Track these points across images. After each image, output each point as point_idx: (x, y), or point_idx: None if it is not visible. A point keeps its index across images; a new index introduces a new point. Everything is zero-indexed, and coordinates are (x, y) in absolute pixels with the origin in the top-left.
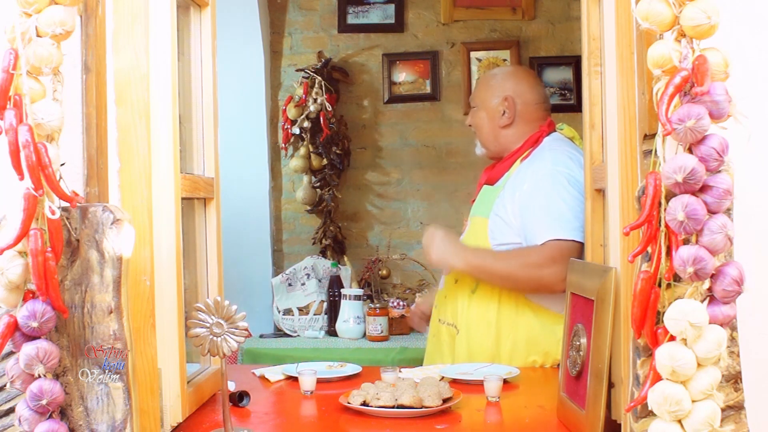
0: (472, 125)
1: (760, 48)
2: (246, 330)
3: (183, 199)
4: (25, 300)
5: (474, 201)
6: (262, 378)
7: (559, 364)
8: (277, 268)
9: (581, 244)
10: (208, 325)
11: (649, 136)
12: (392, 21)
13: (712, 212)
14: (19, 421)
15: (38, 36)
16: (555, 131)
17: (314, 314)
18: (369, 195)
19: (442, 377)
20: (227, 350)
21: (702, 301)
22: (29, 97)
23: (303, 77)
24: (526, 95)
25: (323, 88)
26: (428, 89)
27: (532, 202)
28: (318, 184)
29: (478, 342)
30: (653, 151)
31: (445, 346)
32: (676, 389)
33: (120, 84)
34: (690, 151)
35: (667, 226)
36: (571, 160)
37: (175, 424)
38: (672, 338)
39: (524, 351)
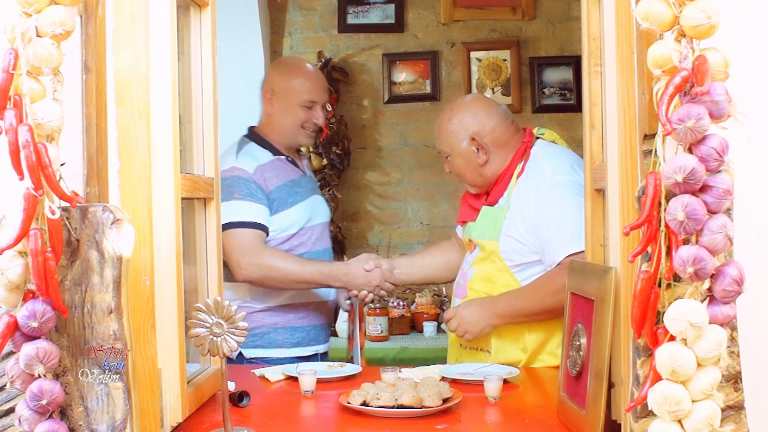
0: (453, 172)
1: (760, 48)
2: (246, 330)
3: (183, 199)
4: (25, 300)
5: (465, 222)
6: (262, 378)
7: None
8: None
9: None
10: (208, 325)
11: (649, 136)
12: (392, 21)
13: (712, 212)
14: (19, 421)
15: (38, 36)
16: (538, 138)
17: None
18: (369, 195)
19: (442, 377)
20: (227, 350)
21: (702, 301)
22: (29, 97)
23: None
24: (488, 124)
25: None
26: (428, 89)
27: (543, 219)
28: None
29: (511, 362)
30: (653, 151)
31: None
32: (676, 389)
33: (120, 84)
34: (690, 151)
35: (667, 226)
36: (570, 164)
37: (175, 424)
38: (672, 338)
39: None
